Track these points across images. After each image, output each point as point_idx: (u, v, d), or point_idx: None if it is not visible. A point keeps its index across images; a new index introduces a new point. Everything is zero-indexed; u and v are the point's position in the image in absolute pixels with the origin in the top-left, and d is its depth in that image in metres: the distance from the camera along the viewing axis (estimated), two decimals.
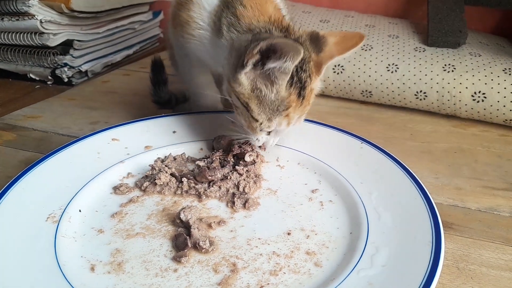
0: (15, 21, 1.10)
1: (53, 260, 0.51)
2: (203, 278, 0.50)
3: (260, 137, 0.66)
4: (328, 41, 0.62)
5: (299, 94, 0.60)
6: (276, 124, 0.62)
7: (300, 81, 0.60)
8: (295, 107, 0.61)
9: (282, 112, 0.61)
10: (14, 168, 0.73)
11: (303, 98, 0.61)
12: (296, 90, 0.60)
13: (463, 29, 1.01)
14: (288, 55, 0.55)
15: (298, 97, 0.60)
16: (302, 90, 0.60)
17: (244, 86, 0.60)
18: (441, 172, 0.75)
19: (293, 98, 0.60)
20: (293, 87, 0.60)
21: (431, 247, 0.49)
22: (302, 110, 0.63)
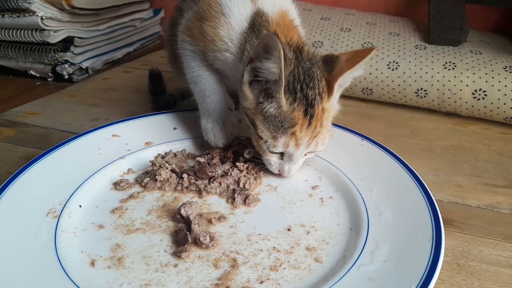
0: (16, 17, 1.10)
1: (53, 255, 0.51)
2: (203, 273, 0.50)
3: (272, 161, 0.64)
4: (340, 59, 0.61)
5: (305, 111, 0.58)
6: (282, 144, 0.60)
7: (307, 98, 0.58)
8: (302, 125, 0.59)
9: (287, 129, 0.59)
10: (14, 164, 0.73)
11: (311, 116, 0.59)
12: (301, 106, 0.58)
13: (464, 27, 1.01)
14: (273, 53, 0.54)
15: (304, 115, 0.58)
16: (310, 108, 0.58)
17: (250, 100, 0.60)
18: (442, 170, 0.75)
19: (297, 115, 0.58)
20: (298, 103, 0.58)
21: (432, 243, 0.49)
22: (312, 131, 0.60)
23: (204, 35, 0.66)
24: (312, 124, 0.59)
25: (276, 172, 0.65)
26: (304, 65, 0.60)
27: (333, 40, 1.05)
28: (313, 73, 0.59)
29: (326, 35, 1.07)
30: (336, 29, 1.09)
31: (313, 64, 0.60)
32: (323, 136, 0.62)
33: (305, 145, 0.60)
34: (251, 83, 0.60)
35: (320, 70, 0.60)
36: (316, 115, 0.59)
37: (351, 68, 0.59)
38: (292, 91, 0.58)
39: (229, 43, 0.64)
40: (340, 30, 1.09)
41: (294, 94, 0.58)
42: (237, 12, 0.64)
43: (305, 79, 0.58)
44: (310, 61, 0.60)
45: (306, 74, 0.59)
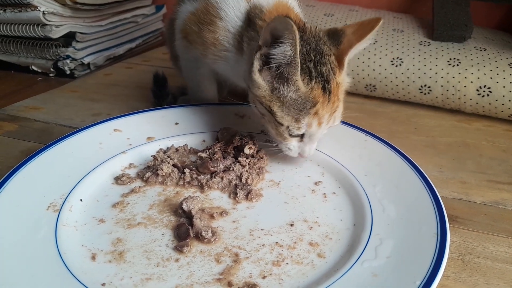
0: (17, 12, 1.10)
1: (54, 249, 0.50)
2: (205, 268, 0.49)
3: (292, 145, 0.63)
4: (346, 33, 0.61)
5: (323, 88, 0.58)
6: (306, 125, 0.59)
7: (322, 75, 0.58)
8: (323, 103, 0.58)
9: (309, 110, 0.58)
10: (15, 158, 0.72)
11: (330, 92, 0.58)
12: (319, 84, 0.58)
13: (468, 23, 1.00)
14: (284, 36, 0.54)
15: (323, 92, 0.58)
16: (327, 84, 0.58)
17: (263, 88, 0.59)
18: (446, 166, 0.74)
19: (318, 93, 0.58)
20: (315, 82, 0.58)
21: (436, 239, 0.49)
22: (331, 107, 0.60)
23: (204, 40, 0.68)
24: (331, 99, 0.59)
25: (295, 155, 0.64)
26: (311, 42, 0.59)
27: None
28: (322, 49, 0.59)
29: None
30: (340, 26, 1.08)
31: (318, 40, 0.59)
32: (340, 110, 0.62)
33: (326, 122, 0.60)
34: (261, 71, 0.59)
35: (327, 45, 0.60)
36: (333, 90, 0.59)
37: (360, 41, 0.59)
38: (306, 71, 0.58)
39: (227, 44, 0.66)
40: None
41: (309, 73, 0.58)
42: (232, 14, 0.65)
43: (316, 56, 0.58)
44: (315, 37, 0.60)
45: (315, 51, 0.59)
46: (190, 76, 0.84)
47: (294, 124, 0.59)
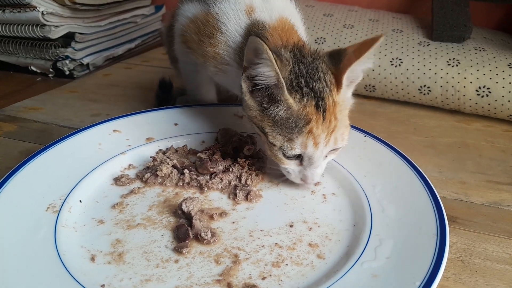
0: (16, 13, 1.10)
1: (53, 250, 0.50)
2: (205, 269, 0.49)
3: (291, 169, 0.60)
4: (348, 51, 0.59)
5: (317, 105, 0.55)
6: (299, 145, 0.56)
7: (314, 92, 0.56)
8: (317, 121, 0.55)
9: (302, 128, 0.55)
10: (15, 159, 0.72)
11: (324, 110, 0.56)
12: (312, 101, 0.55)
13: (468, 24, 1.00)
14: (259, 56, 0.53)
15: (317, 109, 0.55)
16: (321, 101, 0.55)
17: (253, 108, 0.59)
18: (445, 167, 0.74)
19: (310, 110, 0.55)
20: (307, 99, 0.55)
21: (436, 239, 0.49)
22: (327, 126, 0.56)
23: (204, 52, 0.68)
24: (327, 118, 0.56)
25: (298, 181, 0.61)
26: (305, 60, 0.58)
27: (335, 37, 1.05)
28: (316, 67, 0.57)
29: (329, 31, 1.06)
30: (339, 26, 1.08)
31: (315, 59, 0.59)
32: (341, 131, 0.58)
33: (323, 143, 0.57)
34: (253, 92, 0.58)
35: (325, 63, 0.58)
36: (328, 108, 0.56)
37: (359, 58, 0.56)
38: (297, 88, 0.56)
39: (227, 58, 0.66)
40: (343, 26, 1.08)
41: (300, 90, 0.56)
42: (232, 29, 0.65)
43: (308, 73, 0.57)
44: (312, 56, 0.59)
45: (308, 68, 0.57)
46: (189, 79, 0.84)
47: (287, 144, 0.56)
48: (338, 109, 0.57)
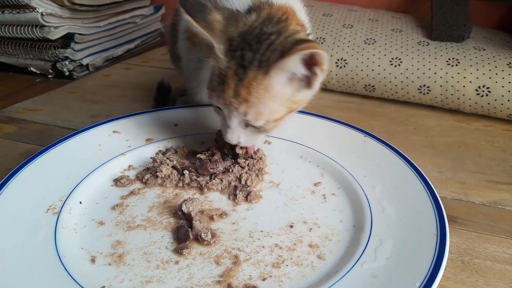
0: (16, 13, 1.10)
1: (53, 252, 0.50)
2: (205, 270, 0.49)
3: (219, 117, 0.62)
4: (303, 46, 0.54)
5: (235, 72, 0.55)
6: (215, 98, 0.58)
7: (243, 58, 0.55)
8: (230, 84, 0.56)
9: (219, 85, 0.57)
10: (14, 160, 0.72)
11: (240, 80, 0.55)
12: (234, 65, 0.56)
13: (467, 23, 1.00)
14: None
15: (234, 74, 0.55)
16: (241, 69, 0.55)
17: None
18: (445, 166, 0.74)
19: (229, 72, 0.56)
20: (232, 60, 0.56)
21: (436, 239, 0.49)
22: (238, 95, 0.56)
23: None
24: (239, 88, 0.55)
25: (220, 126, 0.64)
26: (259, 31, 0.57)
27: (335, 37, 1.05)
28: (265, 40, 0.55)
29: (328, 31, 1.06)
30: (338, 26, 1.08)
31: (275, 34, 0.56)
32: (256, 109, 0.56)
33: (233, 108, 0.57)
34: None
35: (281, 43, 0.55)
36: (246, 79, 0.55)
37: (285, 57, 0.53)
38: (230, 50, 0.56)
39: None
40: (342, 26, 1.08)
41: (233, 52, 0.56)
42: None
43: (251, 42, 0.56)
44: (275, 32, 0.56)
45: (254, 38, 0.56)
46: (192, 77, 0.84)
47: (210, 92, 0.59)
48: (258, 88, 0.55)
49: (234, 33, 0.57)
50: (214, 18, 0.58)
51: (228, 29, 0.58)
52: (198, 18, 0.57)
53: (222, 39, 0.57)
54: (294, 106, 0.60)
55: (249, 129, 0.60)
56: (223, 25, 0.58)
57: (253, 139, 0.63)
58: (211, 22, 0.58)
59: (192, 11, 0.57)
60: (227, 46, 0.57)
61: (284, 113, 0.59)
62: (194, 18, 0.57)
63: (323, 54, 0.53)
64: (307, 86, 0.58)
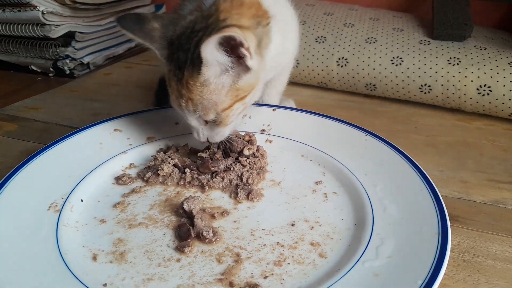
0: (16, 12, 1.10)
1: (55, 249, 0.50)
2: (207, 268, 0.49)
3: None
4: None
5: (174, 73, 0.59)
6: (171, 101, 0.61)
7: (178, 60, 0.58)
8: (173, 86, 0.59)
9: (169, 87, 0.60)
10: (15, 158, 0.72)
11: (179, 80, 0.58)
12: (173, 67, 0.59)
13: (468, 22, 1.00)
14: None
15: (174, 75, 0.59)
16: (178, 70, 0.58)
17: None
18: (446, 165, 0.74)
19: (170, 75, 0.59)
20: (172, 63, 0.59)
21: (438, 238, 0.49)
22: (182, 96, 0.58)
23: None
24: (180, 88, 0.58)
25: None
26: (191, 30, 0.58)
27: (336, 36, 1.05)
28: (194, 38, 0.56)
29: (329, 30, 1.06)
30: (340, 24, 1.08)
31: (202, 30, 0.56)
32: (202, 105, 0.58)
33: (184, 108, 0.59)
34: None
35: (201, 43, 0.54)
36: (184, 79, 0.57)
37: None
38: (171, 54, 0.59)
39: None
40: (343, 25, 1.08)
41: (172, 56, 0.59)
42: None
43: (184, 43, 0.57)
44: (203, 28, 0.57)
45: (187, 39, 0.57)
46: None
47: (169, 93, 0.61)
48: (196, 85, 0.57)
49: (173, 37, 0.59)
50: (152, 27, 0.61)
51: (167, 34, 0.60)
52: (135, 31, 0.60)
53: (164, 44, 0.60)
54: (241, 93, 0.60)
55: (209, 125, 0.63)
56: (161, 32, 0.60)
57: (218, 133, 0.63)
58: (149, 32, 0.60)
59: (128, 25, 0.60)
60: (169, 51, 0.59)
61: (231, 102, 0.60)
62: (131, 31, 0.60)
63: (235, 33, 0.52)
64: (245, 70, 0.58)
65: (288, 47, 0.73)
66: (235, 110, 0.61)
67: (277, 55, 0.67)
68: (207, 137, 0.64)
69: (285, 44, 0.70)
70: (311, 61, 1.03)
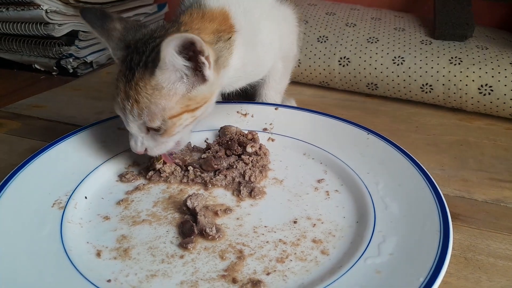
0: (20, 11, 1.10)
1: (60, 246, 0.51)
2: (210, 264, 0.49)
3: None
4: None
5: (124, 74, 0.57)
6: (115, 105, 0.60)
7: (131, 61, 0.57)
8: (120, 87, 0.57)
9: (115, 89, 0.59)
10: (20, 156, 0.73)
11: (128, 81, 0.56)
12: (124, 68, 0.58)
13: (470, 22, 1.00)
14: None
15: (123, 76, 0.58)
16: (129, 71, 0.57)
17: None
18: (447, 164, 0.74)
19: (119, 75, 0.58)
20: (123, 64, 0.58)
21: (439, 236, 0.49)
22: (128, 97, 0.56)
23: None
24: (128, 89, 0.56)
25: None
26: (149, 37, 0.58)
27: (338, 35, 1.05)
28: (151, 43, 0.57)
29: (331, 30, 1.07)
30: (341, 24, 1.08)
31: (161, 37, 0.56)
32: (149, 110, 0.56)
33: (128, 111, 0.57)
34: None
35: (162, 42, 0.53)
36: (135, 80, 0.56)
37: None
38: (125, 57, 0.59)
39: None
40: (345, 25, 1.08)
41: (125, 58, 0.58)
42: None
43: (140, 46, 0.58)
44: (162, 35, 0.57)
45: (144, 43, 0.58)
46: None
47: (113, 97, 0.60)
48: (147, 87, 0.56)
49: (131, 41, 0.60)
50: (113, 27, 0.62)
51: (126, 38, 0.61)
52: (95, 25, 0.61)
53: (120, 46, 0.61)
54: (192, 104, 0.58)
55: (151, 134, 0.60)
56: (121, 34, 0.61)
57: (160, 144, 0.60)
58: (109, 30, 0.61)
59: (91, 18, 0.61)
60: (124, 53, 0.60)
61: (180, 111, 0.58)
62: (91, 25, 0.61)
63: (195, 38, 0.52)
64: (201, 80, 0.58)
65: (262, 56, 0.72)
66: (183, 120, 0.59)
67: (246, 65, 0.67)
68: (146, 147, 0.60)
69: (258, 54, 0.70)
70: (313, 61, 1.04)
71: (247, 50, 0.66)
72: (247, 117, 0.80)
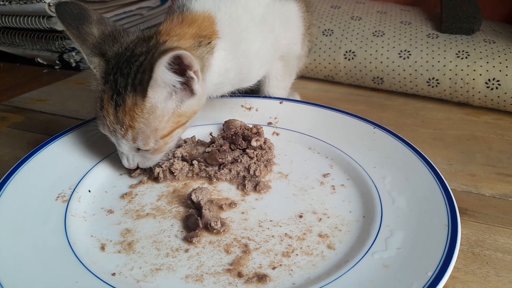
0: (23, 4, 1.09)
1: (64, 239, 0.50)
2: (215, 258, 0.49)
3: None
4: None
5: (111, 97, 0.55)
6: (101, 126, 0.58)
7: (116, 83, 0.54)
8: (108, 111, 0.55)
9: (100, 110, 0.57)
10: (23, 149, 0.72)
11: (118, 106, 0.54)
12: (109, 90, 0.55)
13: (477, 16, 0.99)
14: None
15: (110, 99, 0.55)
16: (116, 95, 0.54)
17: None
18: (454, 159, 0.74)
19: (105, 97, 0.56)
20: (107, 84, 0.55)
21: (447, 230, 0.48)
22: (121, 123, 0.55)
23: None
24: (120, 114, 0.54)
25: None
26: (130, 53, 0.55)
27: (343, 29, 1.04)
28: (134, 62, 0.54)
29: (337, 23, 1.06)
30: (347, 18, 1.07)
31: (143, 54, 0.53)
32: (143, 134, 0.55)
33: (120, 135, 0.56)
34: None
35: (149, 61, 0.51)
36: (127, 106, 0.54)
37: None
38: (106, 73, 0.56)
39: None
40: (350, 18, 1.07)
41: (108, 76, 0.56)
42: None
43: (123, 66, 0.54)
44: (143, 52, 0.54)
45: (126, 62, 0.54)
46: None
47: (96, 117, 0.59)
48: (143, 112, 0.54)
49: (110, 54, 0.56)
50: (90, 32, 0.58)
51: (103, 46, 0.57)
52: (70, 26, 0.57)
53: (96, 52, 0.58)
54: (182, 119, 0.58)
55: (141, 152, 0.59)
56: (97, 41, 0.58)
57: (150, 159, 0.61)
58: (84, 34, 0.58)
59: (65, 17, 0.57)
60: (105, 69, 0.57)
61: (170, 129, 0.57)
62: (65, 25, 0.57)
63: (184, 54, 0.51)
64: (190, 94, 0.57)
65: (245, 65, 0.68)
66: (175, 136, 0.59)
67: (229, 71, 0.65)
68: (138, 162, 0.61)
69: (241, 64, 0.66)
70: (318, 54, 1.03)
71: (228, 58, 0.63)
72: (252, 111, 0.79)
